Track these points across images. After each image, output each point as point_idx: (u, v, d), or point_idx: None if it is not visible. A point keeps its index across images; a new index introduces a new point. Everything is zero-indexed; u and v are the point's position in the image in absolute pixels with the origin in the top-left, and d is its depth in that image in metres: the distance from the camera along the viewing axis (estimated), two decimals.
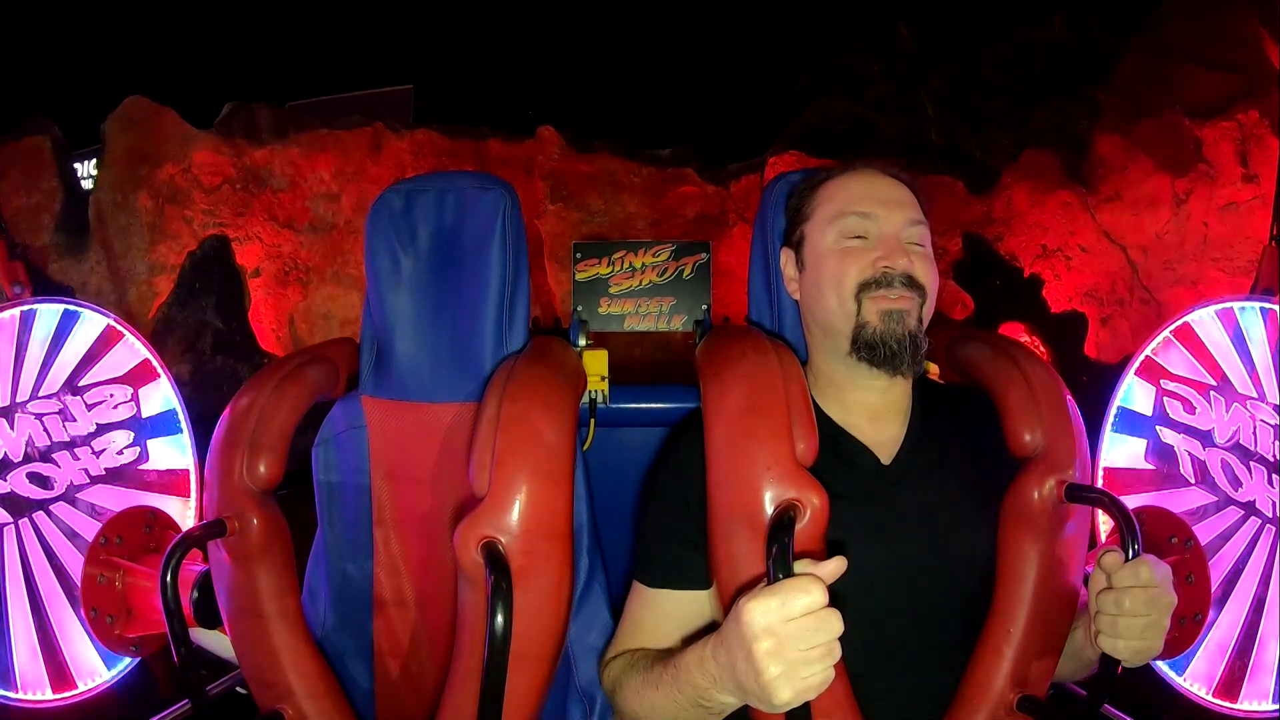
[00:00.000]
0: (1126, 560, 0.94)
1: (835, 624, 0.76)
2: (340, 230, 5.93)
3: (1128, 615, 0.92)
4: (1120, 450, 1.58)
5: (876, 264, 1.06)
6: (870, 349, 1.06)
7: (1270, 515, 1.42)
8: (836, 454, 1.08)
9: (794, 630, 0.76)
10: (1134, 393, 1.58)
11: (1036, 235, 5.83)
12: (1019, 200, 5.93)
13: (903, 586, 1.04)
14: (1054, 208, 5.75)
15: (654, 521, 1.11)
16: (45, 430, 1.44)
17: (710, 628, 1.05)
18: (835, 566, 0.81)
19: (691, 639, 1.00)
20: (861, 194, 1.11)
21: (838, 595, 0.79)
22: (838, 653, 0.77)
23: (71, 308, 1.48)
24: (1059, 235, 5.73)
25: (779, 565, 0.80)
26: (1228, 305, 1.50)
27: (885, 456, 1.10)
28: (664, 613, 1.08)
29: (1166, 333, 1.55)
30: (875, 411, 1.12)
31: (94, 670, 1.45)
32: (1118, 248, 5.44)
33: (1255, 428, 1.44)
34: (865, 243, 1.09)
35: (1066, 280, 5.59)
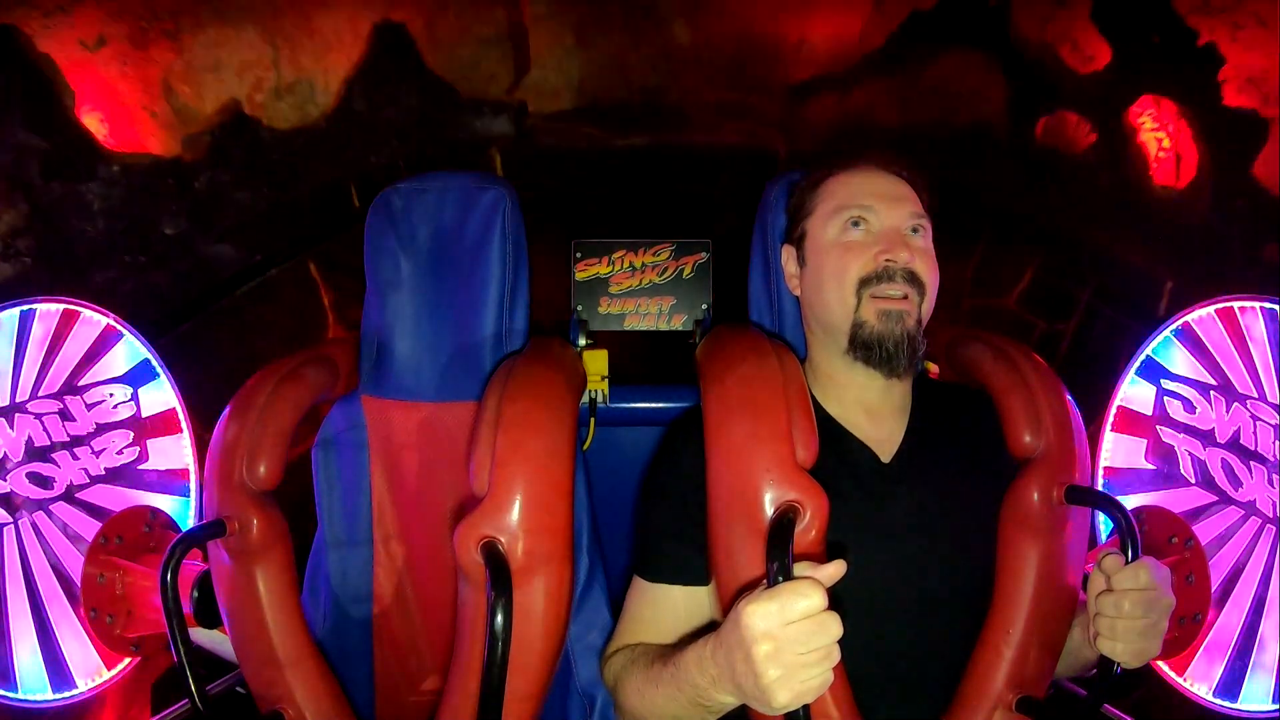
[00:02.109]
0: (1126, 563, 0.94)
1: (834, 628, 0.76)
2: None
3: (1126, 618, 0.92)
4: (1121, 450, 1.58)
5: (878, 258, 1.06)
6: (867, 349, 1.06)
7: (1270, 515, 1.42)
8: (836, 452, 1.08)
9: (793, 634, 0.75)
10: (1135, 392, 1.58)
11: None
12: None
13: (902, 584, 1.04)
14: None
15: (653, 517, 1.11)
16: (45, 430, 1.44)
17: (710, 626, 1.05)
18: (835, 570, 0.80)
19: (691, 637, 1.01)
20: (862, 189, 1.11)
21: (837, 597, 0.79)
22: (836, 656, 0.77)
23: (72, 307, 1.48)
24: None
25: (779, 568, 0.80)
26: (1228, 304, 1.50)
27: (885, 454, 1.10)
28: (663, 607, 1.08)
29: (1167, 332, 1.54)
30: (875, 409, 1.12)
31: (94, 670, 1.45)
32: None
33: (1256, 427, 1.44)
34: (867, 237, 1.09)
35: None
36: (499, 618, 0.89)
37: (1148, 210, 1.78)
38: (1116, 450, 1.58)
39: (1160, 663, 1.46)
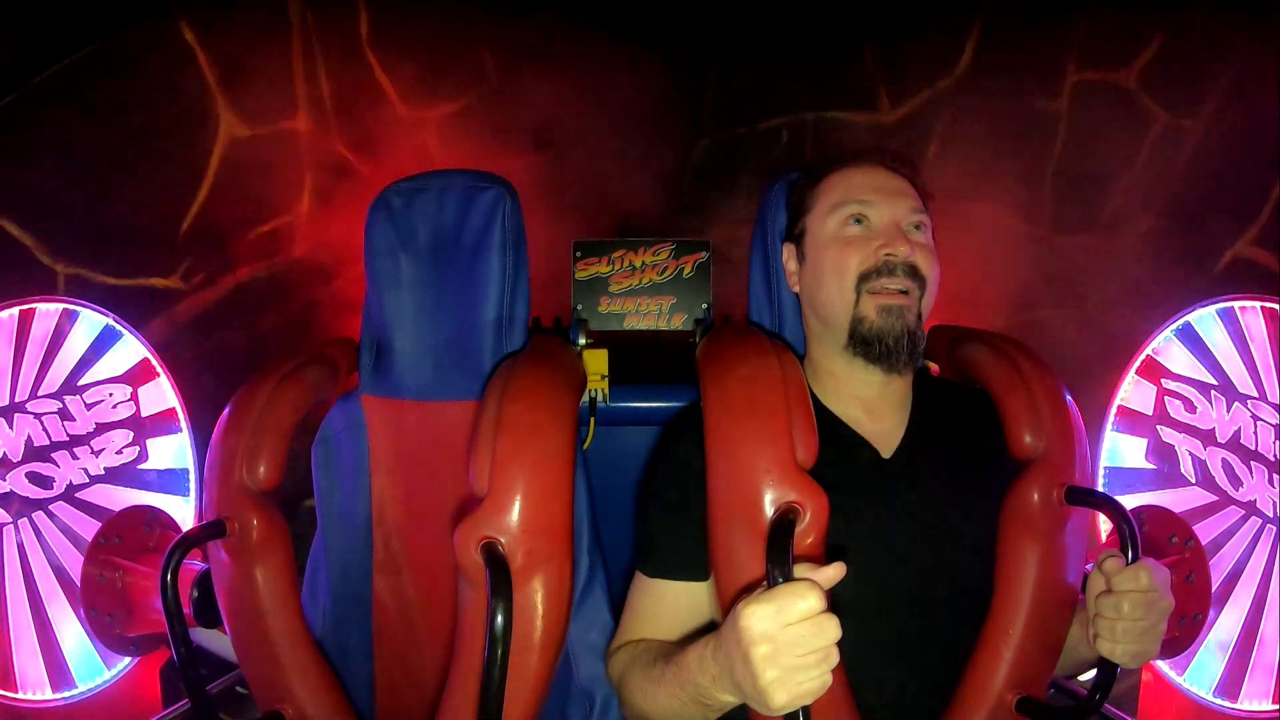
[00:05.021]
0: (1126, 564, 0.94)
1: (832, 630, 0.76)
2: None
3: (1125, 619, 0.92)
4: (1121, 450, 1.58)
5: (878, 252, 1.06)
6: (866, 344, 1.06)
7: (1270, 515, 1.42)
8: (836, 447, 1.07)
9: (791, 636, 0.75)
10: (1135, 392, 1.58)
11: None
12: None
13: (902, 578, 1.04)
14: None
15: (653, 513, 1.11)
16: (45, 430, 1.44)
17: (711, 624, 1.05)
18: (835, 572, 0.80)
19: (693, 635, 1.01)
20: (862, 184, 1.11)
21: (836, 599, 0.79)
22: (835, 658, 0.77)
23: (71, 307, 1.48)
24: None
25: (778, 569, 0.80)
26: (1229, 304, 1.50)
27: (885, 450, 1.10)
28: (664, 603, 1.08)
29: (1168, 332, 1.54)
30: (875, 405, 1.12)
31: (94, 670, 1.45)
32: None
33: (1256, 427, 1.44)
34: (867, 231, 1.09)
35: None
36: (499, 618, 0.89)
37: None
38: (1116, 450, 1.58)
39: (1160, 663, 1.47)
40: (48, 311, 1.46)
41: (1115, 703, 1.21)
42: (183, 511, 1.58)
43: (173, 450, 1.60)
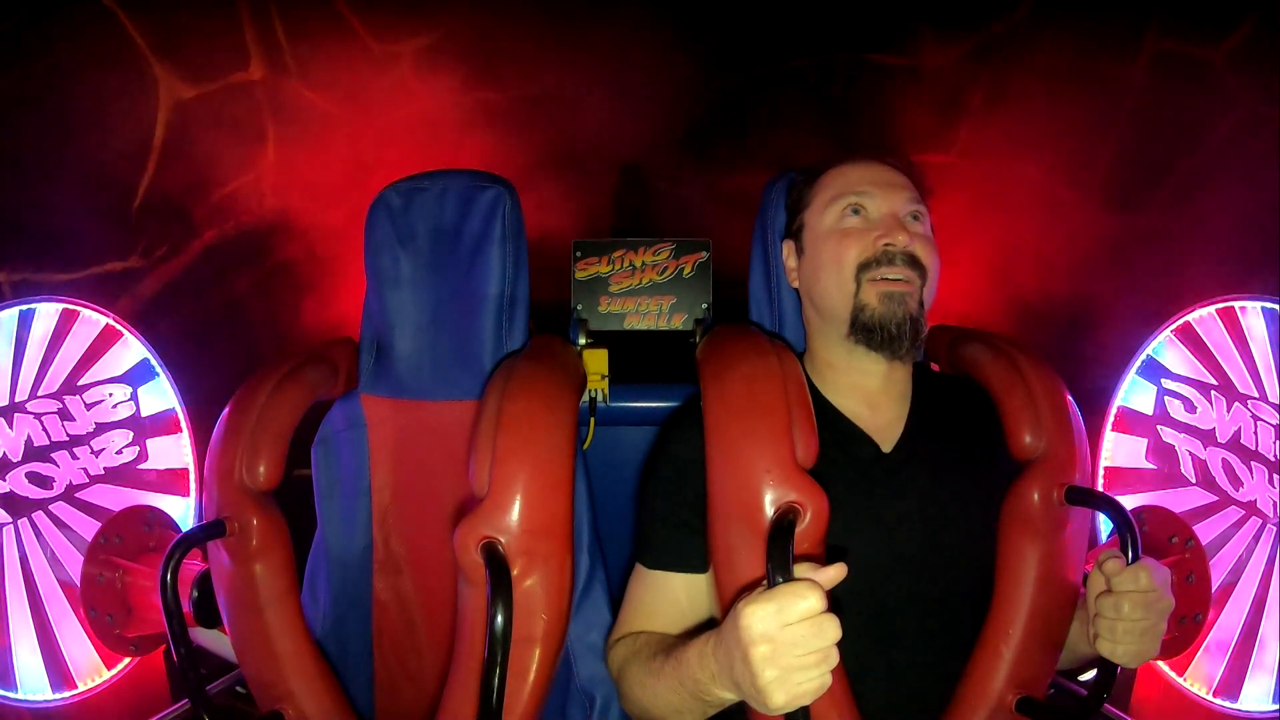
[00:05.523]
0: (1126, 564, 0.94)
1: (833, 630, 0.76)
2: None
3: (1126, 620, 0.92)
4: (1121, 450, 1.58)
5: (877, 242, 1.07)
6: (869, 332, 1.06)
7: (1271, 515, 1.42)
8: (836, 441, 1.08)
9: (790, 636, 0.75)
10: (1135, 392, 1.58)
11: None
12: None
13: (901, 574, 1.04)
14: None
15: (653, 505, 1.11)
16: (44, 430, 1.43)
17: (710, 620, 1.05)
18: (835, 573, 0.80)
19: (693, 631, 1.01)
20: (859, 177, 1.12)
21: (837, 599, 0.79)
22: (834, 659, 0.77)
23: (71, 307, 1.48)
24: None
25: (778, 569, 0.80)
26: (1229, 304, 1.50)
27: (885, 444, 1.10)
28: (664, 594, 1.08)
29: (1167, 332, 1.54)
30: (875, 397, 1.12)
31: (94, 670, 1.45)
32: None
33: (1256, 427, 1.44)
34: (865, 222, 1.09)
35: None
36: (499, 618, 0.89)
37: None
38: (1116, 450, 1.58)
39: (1160, 663, 1.46)
40: (48, 311, 1.45)
41: (1115, 702, 1.21)
42: (183, 511, 1.58)
43: (173, 450, 1.60)
